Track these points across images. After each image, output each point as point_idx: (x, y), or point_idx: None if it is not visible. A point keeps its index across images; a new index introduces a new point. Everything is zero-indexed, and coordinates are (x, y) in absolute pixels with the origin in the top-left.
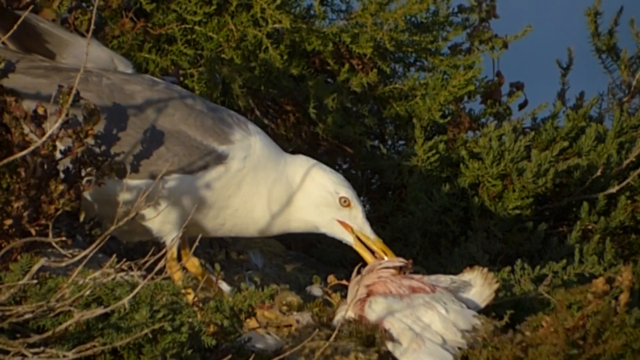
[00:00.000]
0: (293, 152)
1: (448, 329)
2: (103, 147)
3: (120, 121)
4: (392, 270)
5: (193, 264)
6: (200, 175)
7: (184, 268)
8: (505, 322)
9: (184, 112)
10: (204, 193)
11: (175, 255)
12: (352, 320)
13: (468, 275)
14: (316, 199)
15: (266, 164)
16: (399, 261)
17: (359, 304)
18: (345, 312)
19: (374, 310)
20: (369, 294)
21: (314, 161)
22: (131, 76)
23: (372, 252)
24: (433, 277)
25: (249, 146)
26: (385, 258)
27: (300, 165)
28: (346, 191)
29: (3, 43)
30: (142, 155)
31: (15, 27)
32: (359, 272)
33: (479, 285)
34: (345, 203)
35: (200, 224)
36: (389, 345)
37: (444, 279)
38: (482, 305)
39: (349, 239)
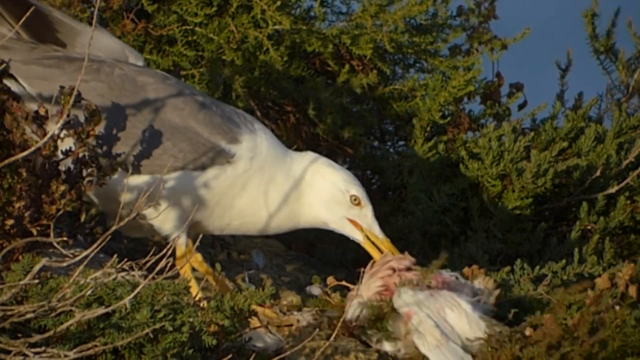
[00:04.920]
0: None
1: (472, 329)
2: (111, 137)
3: (129, 112)
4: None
5: (196, 259)
6: (206, 173)
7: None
8: (504, 325)
9: (194, 107)
10: (209, 191)
11: (182, 251)
12: (369, 303)
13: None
14: (326, 196)
15: (273, 163)
16: (409, 259)
17: (377, 295)
18: (353, 306)
19: (404, 300)
20: (384, 287)
21: (323, 158)
22: (143, 69)
23: (381, 251)
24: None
25: (256, 146)
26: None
27: (308, 161)
28: (357, 189)
29: (17, 32)
30: (147, 150)
31: (27, 13)
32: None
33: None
34: (355, 201)
35: (206, 223)
36: (415, 338)
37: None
38: None
39: (358, 237)
